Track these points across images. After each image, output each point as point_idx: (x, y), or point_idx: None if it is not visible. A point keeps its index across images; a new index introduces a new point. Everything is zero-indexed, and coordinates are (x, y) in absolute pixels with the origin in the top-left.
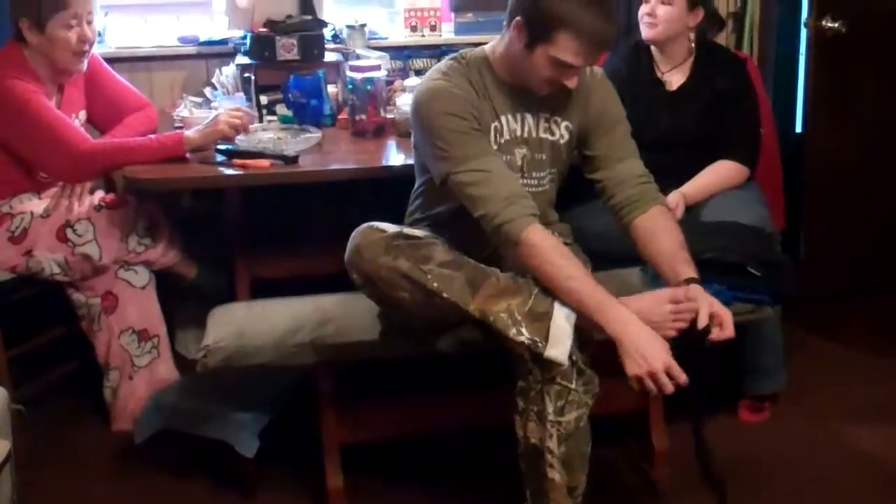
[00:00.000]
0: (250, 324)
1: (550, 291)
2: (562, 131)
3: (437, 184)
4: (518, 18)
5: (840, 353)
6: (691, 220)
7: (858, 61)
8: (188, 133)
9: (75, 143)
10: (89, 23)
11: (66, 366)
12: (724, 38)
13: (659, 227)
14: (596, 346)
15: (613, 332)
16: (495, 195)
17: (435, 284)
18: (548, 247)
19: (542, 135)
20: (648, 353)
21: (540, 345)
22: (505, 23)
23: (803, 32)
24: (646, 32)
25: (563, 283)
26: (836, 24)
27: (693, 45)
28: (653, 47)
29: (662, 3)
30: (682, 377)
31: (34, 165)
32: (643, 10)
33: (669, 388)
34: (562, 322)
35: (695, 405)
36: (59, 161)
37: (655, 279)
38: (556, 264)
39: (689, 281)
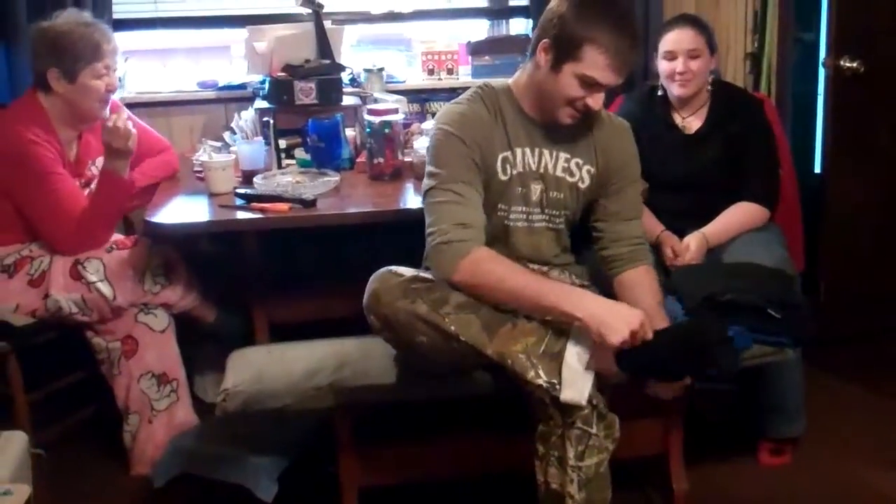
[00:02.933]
0: (268, 367)
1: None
2: (583, 174)
3: (421, 196)
4: (545, 40)
5: (861, 396)
6: (711, 262)
7: (877, 101)
8: (107, 168)
9: (71, 220)
10: (114, 71)
11: (86, 410)
12: (741, 79)
13: (642, 285)
14: (615, 388)
15: (580, 312)
16: (454, 218)
17: (453, 328)
18: (494, 257)
19: (560, 174)
20: (622, 317)
21: (557, 387)
22: (529, 52)
23: (821, 72)
24: (680, 90)
25: (516, 280)
26: (854, 64)
27: (710, 88)
28: (670, 93)
29: (691, 58)
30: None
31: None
32: (672, 68)
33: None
34: (573, 362)
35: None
36: (54, 231)
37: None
38: (506, 265)
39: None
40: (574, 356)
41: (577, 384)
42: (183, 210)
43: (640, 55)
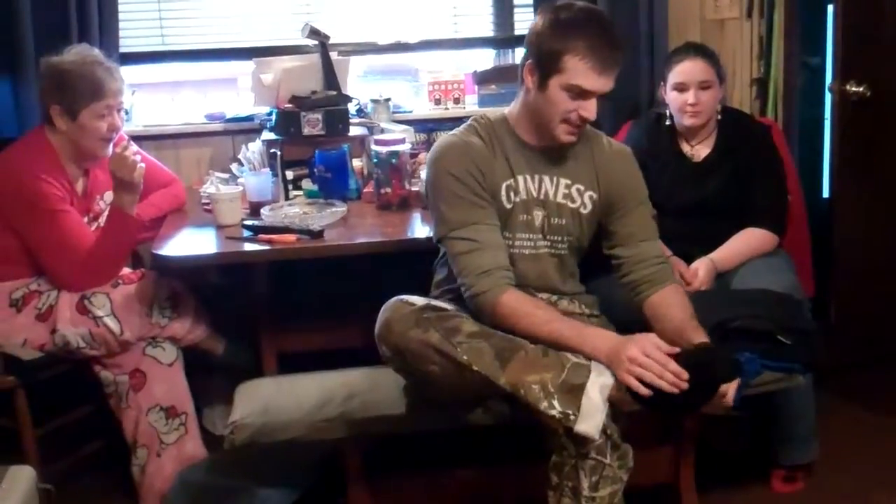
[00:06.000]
0: (277, 399)
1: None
2: (584, 200)
3: (434, 241)
4: (529, 62)
5: (873, 422)
6: (721, 288)
7: (884, 125)
8: (116, 204)
9: (77, 258)
10: (118, 111)
11: (95, 444)
12: (748, 104)
13: (672, 303)
14: (627, 417)
15: (597, 352)
16: (475, 267)
17: (465, 357)
18: (522, 303)
19: (562, 200)
20: (626, 348)
21: (572, 418)
22: (518, 79)
23: (828, 97)
24: (691, 121)
25: (544, 329)
26: (861, 89)
27: (719, 116)
28: (679, 123)
29: (702, 89)
30: (657, 354)
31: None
32: (683, 99)
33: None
34: (595, 395)
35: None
36: (61, 269)
37: None
38: (532, 314)
39: (699, 346)
40: (596, 389)
41: (595, 417)
42: (190, 242)
43: (630, 73)
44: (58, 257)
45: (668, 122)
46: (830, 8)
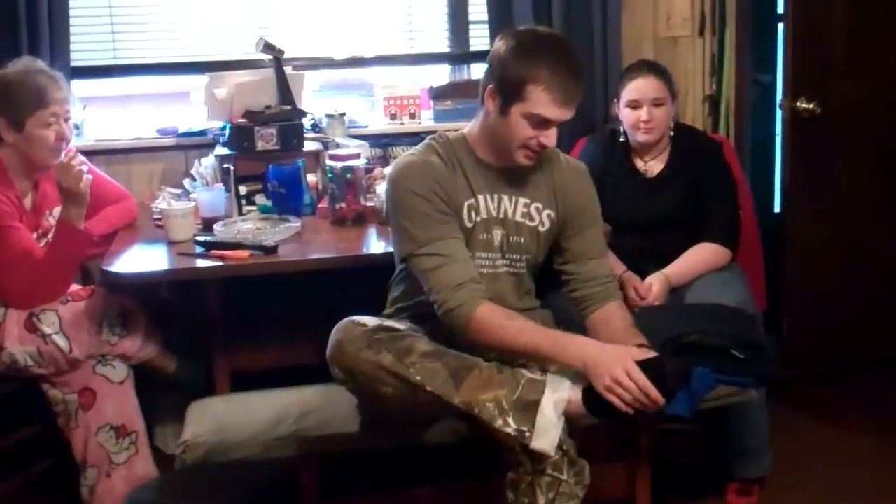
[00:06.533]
0: (230, 417)
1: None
2: (542, 218)
3: (398, 260)
4: (490, 86)
5: (826, 433)
6: (674, 303)
7: (834, 141)
8: (63, 217)
9: (25, 274)
10: (66, 120)
11: (44, 463)
12: (701, 121)
13: (613, 316)
14: (582, 431)
15: (576, 360)
16: (447, 282)
17: (418, 378)
18: (496, 315)
19: (520, 219)
20: (607, 361)
21: (527, 435)
22: (479, 99)
23: (779, 114)
24: (644, 137)
25: (518, 339)
26: (811, 105)
27: (672, 133)
28: (632, 139)
29: (655, 106)
30: (641, 379)
31: None
32: (636, 116)
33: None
34: (549, 412)
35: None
36: (8, 286)
37: None
38: (506, 326)
39: (640, 345)
40: (551, 405)
41: (550, 434)
42: (141, 258)
43: (585, 90)
44: (6, 274)
45: (622, 139)
46: (781, 26)
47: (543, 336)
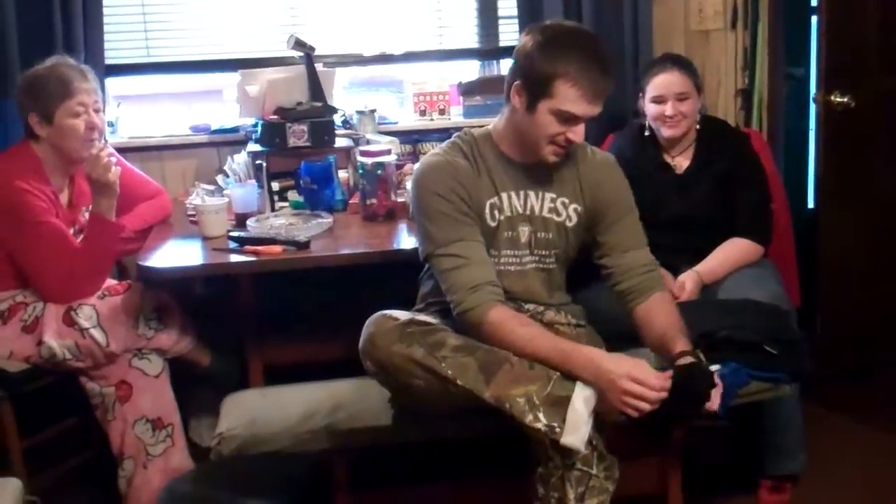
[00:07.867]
0: (263, 411)
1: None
2: (569, 213)
3: (421, 259)
4: (517, 82)
5: (859, 431)
6: (707, 299)
7: (868, 135)
8: (94, 210)
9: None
10: (97, 111)
11: (81, 456)
12: (733, 115)
13: (658, 312)
14: (613, 427)
15: (586, 374)
16: (464, 283)
17: (449, 372)
18: (508, 320)
19: (547, 214)
20: (615, 374)
21: (557, 430)
22: (504, 96)
23: (812, 108)
24: (669, 132)
25: (527, 348)
26: (845, 99)
27: (698, 126)
28: (658, 134)
29: (680, 100)
30: (650, 380)
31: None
32: (661, 111)
33: (648, 397)
34: (580, 407)
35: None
36: (45, 281)
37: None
38: (517, 333)
39: (681, 353)
40: (581, 401)
41: (580, 430)
42: (176, 254)
43: (615, 84)
44: (43, 269)
45: (647, 133)
46: (814, 18)
47: (553, 347)
